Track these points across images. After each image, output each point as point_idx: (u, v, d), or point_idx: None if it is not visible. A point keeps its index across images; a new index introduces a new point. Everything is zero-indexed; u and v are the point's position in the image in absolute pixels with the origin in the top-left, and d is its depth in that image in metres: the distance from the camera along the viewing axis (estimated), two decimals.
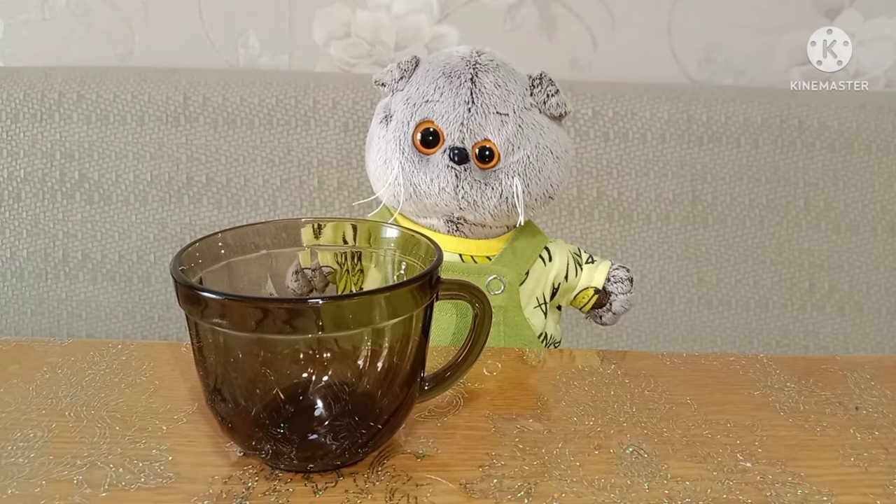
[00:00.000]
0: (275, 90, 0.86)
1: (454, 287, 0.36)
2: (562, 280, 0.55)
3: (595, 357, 0.48)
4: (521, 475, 0.35)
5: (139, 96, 0.86)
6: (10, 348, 0.47)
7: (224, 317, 0.32)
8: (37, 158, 0.85)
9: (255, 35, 0.97)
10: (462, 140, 0.49)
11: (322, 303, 0.32)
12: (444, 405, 0.41)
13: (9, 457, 0.36)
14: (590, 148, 0.87)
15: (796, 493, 0.35)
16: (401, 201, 0.51)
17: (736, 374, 0.46)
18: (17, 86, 0.86)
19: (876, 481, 0.36)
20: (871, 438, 0.39)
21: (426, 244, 0.38)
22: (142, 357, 0.46)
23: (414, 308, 0.34)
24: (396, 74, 0.52)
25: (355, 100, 0.86)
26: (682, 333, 0.87)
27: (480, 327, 0.38)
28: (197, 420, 0.40)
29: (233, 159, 0.86)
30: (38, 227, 0.86)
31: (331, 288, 0.49)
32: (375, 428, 0.35)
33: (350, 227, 0.42)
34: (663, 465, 0.36)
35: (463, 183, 0.49)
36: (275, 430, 0.34)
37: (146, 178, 0.86)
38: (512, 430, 0.39)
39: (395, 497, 0.34)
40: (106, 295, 0.87)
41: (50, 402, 0.41)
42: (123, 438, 0.38)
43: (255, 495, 0.34)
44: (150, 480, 0.35)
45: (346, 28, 0.96)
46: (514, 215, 0.51)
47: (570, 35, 0.96)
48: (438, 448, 0.38)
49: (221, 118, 0.86)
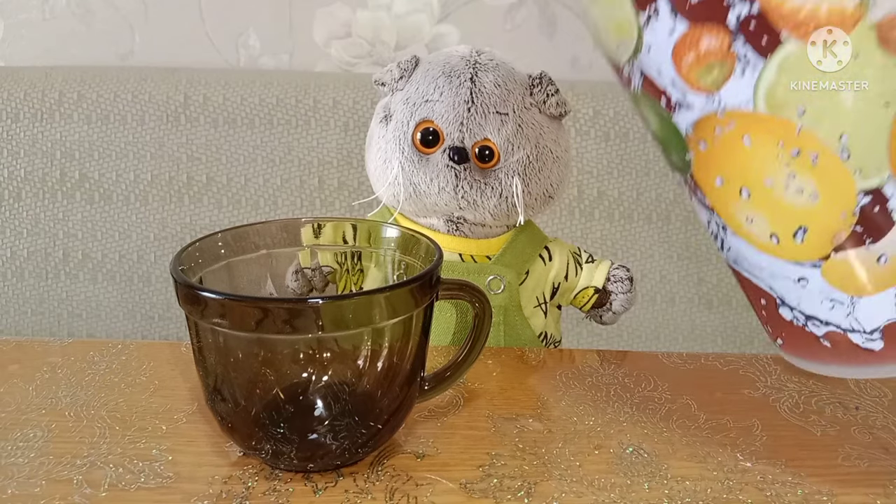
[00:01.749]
0: (275, 90, 0.86)
1: (454, 287, 0.36)
2: (562, 280, 0.55)
3: (595, 357, 0.48)
4: (521, 475, 0.35)
5: (139, 96, 0.86)
6: (10, 348, 0.47)
7: (224, 317, 0.32)
8: (37, 158, 0.85)
9: (256, 35, 0.97)
10: (462, 140, 0.49)
11: (322, 303, 0.32)
12: (444, 405, 0.41)
13: (9, 457, 0.36)
14: (590, 148, 0.87)
15: (796, 493, 0.35)
16: (400, 201, 0.51)
17: (736, 374, 0.46)
18: (17, 85, 0.86)
19: (876, 481, 0.36)
20: (871, 438, 0.39)
21: (426, 244, 0.38)
22: (142, 357, 0.46)
23: (414, 308, 0.34)
24: (396, 74, 0.52)
25: (356, 99, 0.86)
26: (682, 333, 0.87)
27: (480, 327, 0.38)
28: (197, 420, 0.40)
29: (233, 159, 0.86)
30: (39, 227, 0.86)
31: (331, 288, 0.49)
32: (375, 428, 0.35)
33: (350, 227, 0.42)
34: (663, 465, 0.36)
35: (463, 182, 0.49)
36: (275, 430, 0.34)
37: (146, 177, 0.86)
38: (512, 430, 0.39)
39: (395, 497, 0.34)
40: (106, 295, 0.87)
41: (50, 402, 0.41)
42: (123, 438, 0.38)
43: (255, 495, 0.34)
44: (150, 480, 0.35)
45: (346, 28, 0.96)
46: (513, 215, 0.51)
47: (570, 35, 0.96)
48: (438, 448, 0.38)
49: (222, 118, 0.86)
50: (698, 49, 0.28)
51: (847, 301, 0.30)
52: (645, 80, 0.30)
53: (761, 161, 0.28)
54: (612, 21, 0.30)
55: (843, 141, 0.27)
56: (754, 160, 0.28)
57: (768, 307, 0.32)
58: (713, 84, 0.28)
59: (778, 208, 0.29)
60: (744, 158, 0.29)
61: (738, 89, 0.27)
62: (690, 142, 0.30)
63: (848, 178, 0.27)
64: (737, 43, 0.27)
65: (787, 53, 0.26)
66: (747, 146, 0.28)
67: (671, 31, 0.28)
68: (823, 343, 0.31)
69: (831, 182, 0.28)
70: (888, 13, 0.26)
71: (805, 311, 0.31)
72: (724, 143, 0.29)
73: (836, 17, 0.26)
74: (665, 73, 0.29)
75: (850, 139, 0.27)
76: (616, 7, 0.29)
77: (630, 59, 0.30)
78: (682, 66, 0.28)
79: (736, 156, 0.29)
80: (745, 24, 0.26)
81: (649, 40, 0.29)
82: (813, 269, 0.29)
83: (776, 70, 0.27)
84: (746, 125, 0.28)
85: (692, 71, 0.28)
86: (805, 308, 0.30)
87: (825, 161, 0.27)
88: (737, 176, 0.29)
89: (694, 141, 0.30)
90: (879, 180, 0.27)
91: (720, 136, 0.29)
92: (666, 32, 0.28)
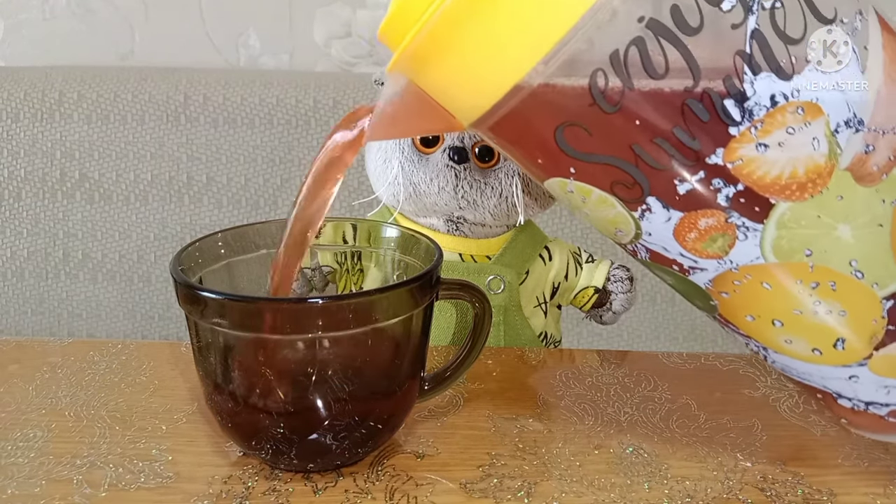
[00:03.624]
0: (275, 90, 0.86)
1: (454, 287, 0.36)
2: (562, 279, 0.55)
3: (595, 357, 0.48)
4: (521, 475, 0.35)
5: (140, 96, 0.86)
6: (10, 348, 0.47)
7: (224, 317, 0.32)
8: (37, 158, 0.85)
9: (256, 34, 0.97)
10: (462, 139, 0.49)
11: (322, 303, 0.32)
12: (444, 405, 0.41)
13: (9, 457, 0.36)
14: None
15: (796, 493, 0.35)
16: (400, 201, 0.51)
17: (736, 373, 0.46)
18: (17, 85, 0.86)
19: (876, 481, 0.36)
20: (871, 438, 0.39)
21: (426, 244, 0.38)
22: (142, 357, 0.46)
23: (414, 308, 0.34)
24: None
25: (356, 99, 0.86)
26: (682, 333, 0.87)
27: (480, 327, 0.38)
28: (197, 420, 0.40)
29: (233, 159, 0.86)
30: (39, 227, 0.86)
31: (331, 288, 0.49)
32: (375, 428, 0.35)
33: (350, 227, 0.42)
34: (663, 465, 0.36)
35: (462, 182, 0.49)
36: (275, 430, 0.34)
37: (147, 177, 0.86)
38: (512, 430, 0.39)
39: (395, 497, 0.34)
40: (106, 294, 0.87)
41: (50, 402, 0.41)
42: (123, 438, 0.38)
43: (255, 495, 0.34)
44: (150, 480, 0.35)
45: (346, 27, 0.96)
46: (513, 215, 0.51)
47: None
48: (438, 448, 0.38)
49: (222, 118, 0.86)
50: (698, 228, 0.29)
51: None
52: (652, 253, 0.31)
53: (784, 298, 0.30)
54: (606, 220, 0.31)
55: (853, 265, 0.29)
56: (778, 299, 0.30)
57: (826, 400, 0.34)
58: (720, 251, 0.29)
59: (813, 329, 0.30)
60: (768, 299, 0.30)
61: (746, 251, 0.29)
62: (712, 293, 0.31)
63: (868, 292, 0.29)
64: (732, 216, 0.28)
65: (782, 212, 0.28)
66: (768, 289, 0.30)
67: (667, 220, 0.29)
68: (889, 420, 0.32)
69: (854, 299, 0.29)
70: (855, 154, 0.28)
71: (863, 399, 0.32)
72: (746, 291, 0.30)
73: (814, 172, 0.27)
74: (671, 249, 0.30)
75: (859, 262, 0.29)
76: (608, 209, 0.31)
77: (632, 241, 0.32)
78: (686, 243, 0.30)
79: (760, 298, 0.30)
80: (734, 200, 0.28)
81: (647, 228, 0.30)
82: (861, 367, 0.31)
83: (775, 227, 0.28)
84: (763, 275, 0.29)
85: (697, 244, 0.30)
86: (863, 397, 0.32)
87: (843, 285, 0.29)
88: (766, 313, 0.31)
89: (716, 292, 0.31)
90: None
91: (740, 285, 0.30)
92: (662, 221, 0.29)
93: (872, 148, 0.28)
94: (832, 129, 0.27)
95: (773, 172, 0.27)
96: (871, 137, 0.28)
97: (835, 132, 0.27)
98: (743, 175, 0.27)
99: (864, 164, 0.28)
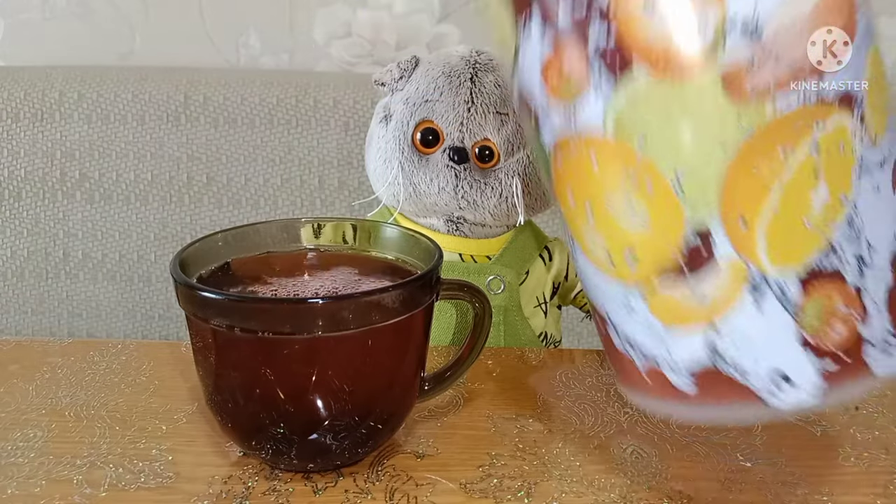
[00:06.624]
0: (275, 90, 0.86)
1: (454, 287, 0.36)
2: (562, 279, 0.55)
3: (595, 357, 0.48)
4: (521, 475, 0.35)
5: (140, 96, 0.86)
6: (10, 348, 0.47)
7: (224, 317, 0.32)
8: (37, 158, 0.85)
9: (256, 34, 0.97)
10: (462, 140, 0.49)
11: (322, 303, 0.32)
12: (444, 405, 0.41)
13: (9, 457, 0.36)
14: None
15: (796, 493, 0.35)
16: (400, 201, 0.51)
17: None
18: (17, 85, 0.86)
19: (876, 481, 0.36)
20: (871, 438, 0.39)
21: (426, 244, 0.38)
22: (142, 357, 0.46)
23: (414, 308, 0.34)
24: (396, 74, 0.52)
25: (356, 99, 0.86)
26: None
27: (480, 327, 0.38)
28: (197, 420, 0.40)
29: (233, 159, 0.86)
30: (39, 227, 0.86)
31: None
32: (375, 428, 0.35)
33: (350, 227, 0.42)
34: (663, 465, 0.36)
35: (462, 182, 0.49)
36: (275, 430, 0.34)
37: (147, 177, 0.86)
38: (512, 430, 0.39)
39: (395, 497, 0.34)
40: (106, 294, 0.87)
41: (50, 402, 0.41)
42: (123, 438, 0.38)
43: (255, 495, 0.34)
44: (150, 480, 0.35)
45: (346, 27, 0.96)
46: (513, 215, 0.51)
47: None
48: (438, 448, 0.38)
49: (222, 118, 0.86)
50: (561, 69, 0.29)
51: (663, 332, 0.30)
52: (521, 93, 0.31)
53: (603, 180, 0.29)
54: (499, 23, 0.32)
55: (678, 176, 0.27)
56: (597, 180, 0.29)
57: (600, 327, 0.32)
58: (570, 96, 0.29)
59: (613, 227, 0.29)
60: (590, 176, 0.29)
61: (591, 111, 0.28)
62: (552, 162, 0.31)
63: (678, 213, 0.28)
64: (594, 67, 0.28)
65: (637, 84, 0.27)
66: (594, 167, 0.29)
67: (540, 54, 0.30)
68: (643, 376, 0.31)
69: (662, 214, 0.28)
70: (736, 61, 0.26)
71: (629, 336, 0.31)
72: (576, 161, 0.30)
73: (686, 56, 0.26)
74: (535, 81, 0.30)
75: (684, 177, 0.27)
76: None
77: (513, 71, 0.32)
78: (548, 79, 0.30)
79: (584, 172, 0.30)
80: (603, 52, 0.28)
81: (524, 48, 0.30)
82: (638, 298, 0.30)
83: (625, 97, 0.28)
84: (595, 147, 0.29)
85: (555, 82, 0.29)
86: (629, 332, 0.31)
87: (658, 192, 0.28)
88: (583, 191, 0.30)
89: (554, 159, 0.31)
90: (707, 224, 0.27)
91: (573, 156, 0.30)
92: (537, 42, 0.30)
93: (756, 66, 0.26)
94: (725, 24, 0.26)
95: (648, 36, 0.27)
96: (760, 54, 0.26)
97: (727, 30, 0.26)
98: (620, 28, 0.27)
99: (740, 77, 0.26)
